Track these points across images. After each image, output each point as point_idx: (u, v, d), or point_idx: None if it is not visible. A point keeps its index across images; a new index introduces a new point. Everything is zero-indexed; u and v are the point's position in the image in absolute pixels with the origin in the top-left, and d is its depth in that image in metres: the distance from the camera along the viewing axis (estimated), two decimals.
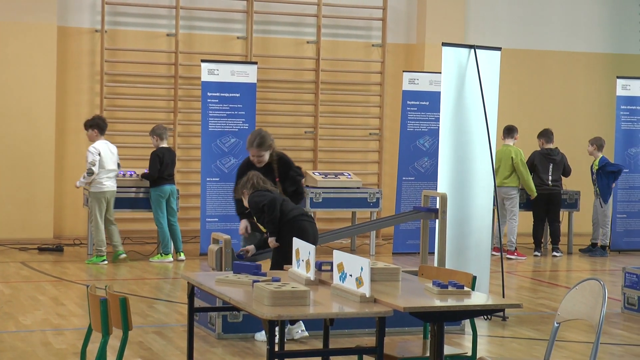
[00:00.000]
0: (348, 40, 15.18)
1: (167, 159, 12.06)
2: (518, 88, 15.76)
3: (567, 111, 16.19)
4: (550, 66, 16.19)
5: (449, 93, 9.09)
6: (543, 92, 16.15)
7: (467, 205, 9.08)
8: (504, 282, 9.34)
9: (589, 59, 16.34)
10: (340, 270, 5.17)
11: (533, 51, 16.07)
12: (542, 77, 16.15)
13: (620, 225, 14.30)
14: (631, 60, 16.10)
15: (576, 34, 16.30)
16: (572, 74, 16.30)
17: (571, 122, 15.90)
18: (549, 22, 16.16)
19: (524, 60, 15.88)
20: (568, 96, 16.29)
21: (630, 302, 9.62)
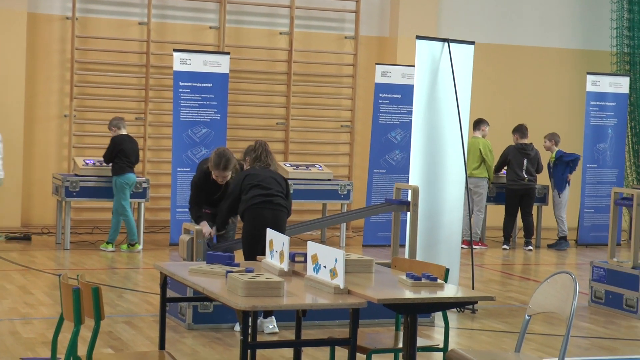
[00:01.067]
0: (321, 32, 15.17)
1: (126, 145, 11.93)
2: (490, 82, 15.83)
3: (539, 106, 16.27)
4: (523, 61, 16.27)
5: (422, 86, 9.11)
6: (515, 87, 16.22)
7: (439, 198, 9.12)
8: (474, 275, 9.40)
9: (561, 55, 16.44)
10: (315, 261, 5.18)
11: (506, 46, 16.14)
12: (515, 72, 16.23)
13: (588, 220, 14.41)
14: (601, 57, 16.21)
15: (548, 29, 16.38)
16: (544, 70, 16.38)
17: (542, 117, 15.99)
18: (521, 18, 16.23)
19: (496, 55, 15.95)
20: (540, 91, 16.38)
21: (597, 296, 9.70)
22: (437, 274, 5.51)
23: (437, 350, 5.78)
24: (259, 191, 7.85)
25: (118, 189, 11.94)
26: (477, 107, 14.50)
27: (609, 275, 9.59)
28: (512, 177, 13.67)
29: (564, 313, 5.22)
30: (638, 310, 9.20)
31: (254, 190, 7.86)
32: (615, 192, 9.85)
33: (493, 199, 14.04)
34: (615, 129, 14.53)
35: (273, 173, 8.06)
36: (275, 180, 8.00)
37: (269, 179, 7.95)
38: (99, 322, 4.65)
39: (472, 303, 8.44)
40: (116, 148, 11.87)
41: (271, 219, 7.70)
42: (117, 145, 11.88)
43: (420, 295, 5.02)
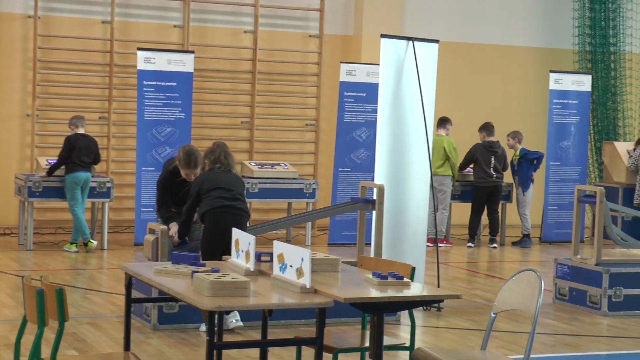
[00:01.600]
0: (285, 30, 15.14)
1: (80, 144, 11.85)
2: (455, 81, 15.89)
3: (503, 104, 16.36)
4: (487, 60, 16.34)
5: (386, 85, 9.12)
6: (479, 85, 16.30)
7: (404, 197, 9.13)
8: (439, 273, 9.43)
9: (524, 53, 16.53)
10: (281, 261, 5.16)
11: (470, 44, 16.21)
12: (479, 70, 16.30)
13: (551, 217, 14.51)
14: (564, 55, 16.32)
15: (512, 28, 16.47)
16: (508, 68, 16.47)
17: (506, 115, 16.06)
18: (485, 16, 16.30)
19: (461, 53, 16.01)
20: (503, 89, 16.46)
21: (562, 293, 9.77)
22: (404, 272, 5.51)
23: (403, 348, 5.79)
24: (221, 193, 7.78)
25: (67, 187, 11.84)
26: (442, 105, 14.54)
27: (572, 272, 9.65)
28: (481, 175, 13.72)
29: (529, 310, 5.25)
30: (602, 306, 9.27)
31: (215, 192, 7.79)
32: (579, 189, 9.91)
33: (458, 196, 14.10)
34: (578, 126, 14.64)
35: (233, 176, 7.99)
36: (236, 183, 7.95)
37: (231, 183, 7.89)
38: (63, 324, 4.60)
39: (438, 301, 8.46)
40: (69, 147, 11.79)
41: (233, 223, 7.58)
42: (70, 144, 11.80)
43: (386, 294, 5.02)
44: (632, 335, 8.48)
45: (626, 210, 12.13)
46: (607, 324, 8.93)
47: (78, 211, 11.86)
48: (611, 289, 9.27)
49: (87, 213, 12.42)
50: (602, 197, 9.49)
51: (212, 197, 7.76)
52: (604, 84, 16.18)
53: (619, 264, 9.60)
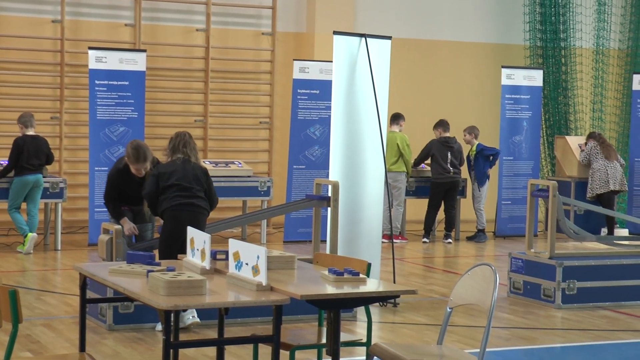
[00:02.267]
0: (238, 28, 15.09)
1: (28, 147, 11.74)
2: (408, 77, 15.94)
3: (456, 100, 16.44)
4: (440, 56, 16.42)
5: (340, 82, 9.13)
6: (432, 81, 16.37)
7: (358, 193, 9.15)
8: (395, 268, 9.46)
9: (476, 49, 16.63)
10: (236, 259, 5.15)
11: (422, 40, 16.27)
12: (432, 66, 16.37)
13: (505, 212, 14.62)
14: (516, 51, 16.44)
15: (464, 24, 16.56)
16: (461, 64, 16.56)
17: (459, 111, 16.15)
18: (437, 12, 16.37)
19: (414, 49, 16.06)
20: (456, 85, 16.55)
21: (516, 287, 9.84)
22: (359, 268, 5.52)
23: (360, 344, 5.80)
24: (177, 192, 7.72)
25: (12, 189, 11.75)
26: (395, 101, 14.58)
27: (526, 266, 9.73)
28: (438, 171, 13.78)
29: (484, 305, 5.28)
30: (555, 299, 9.35)
31: (172, 189, 7.72)
32: (532, 183, 10.00)
33: (412, 192, 14.16)
34: (530, 121, 14.77)
35: (193, 167, 7.84)
36: (195, 176, 7.83)
37: (189, 176, 7.79)
38: (16, 326, 4.55)
39: (394, 297, 8.47)
40: (17, 151, 11.68)
41: (191, 221, 7.50)
42: (18, 148, 11.70)
43: (342, 291, 5.03)
44: (586, 328, 8.57)
45: (578, 204, 12.26)
46: (561, 317, 9.02)
47: (14, 212, 11.76)
48: (565, 282, 9.36)
49: (40, 214, 12.30)
50: (554, 191, 9.58)
51: (170, 194, 7.70)
52: (555, 79, 16.33)
53: (572, 257, 9.70)
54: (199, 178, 7.85)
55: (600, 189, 14.10)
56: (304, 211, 12.65)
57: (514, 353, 7.75)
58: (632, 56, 16.80)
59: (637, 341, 8.22)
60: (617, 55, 16.94)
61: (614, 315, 9.14)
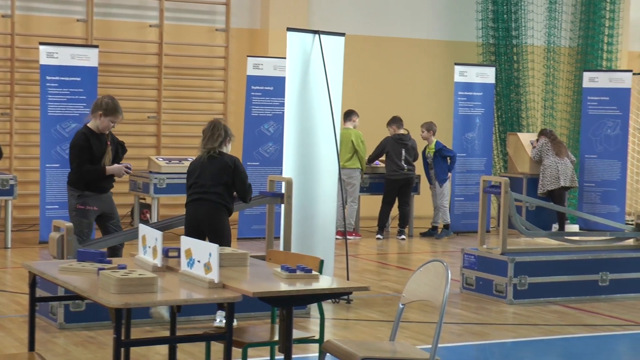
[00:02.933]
0: (191, 24, 15.02)
1: None
2: (362, 74, 15.98)
3: (409, 97, 16.50)
4: (393, 53, 16.47)
5: (293, 78, 9.12)
6: (386, 78, 16.41)
7: (312, 190, 9.15)
8: (348, 265, 9.48)
9: (429, 46, 16.71)
10: (188, 256, 5.12)
11: (376, 37, 16.31)
12: (386, 63, 16.42)
13: (458, 208, 14.71)
14: (468, 48, 16.55)
15: (417, 21, 16.62)
16: (414, 61, 16.62)
17: (413, 108, 16.21)
18: (390, 9, 16.42)
19: (367, 46, 16.10)
20: (410, 82, 16.61)
21: (469, 282, 9.91)
22: (312, 265, 5.52)
23: (313, 341, 5.80)
24: (193, 189, 7.92)
25: None
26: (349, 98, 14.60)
27: (479, 262, 9.80)
28: (393, 168, 13.83)
29: (436, 301, 5.31)
30: (507, 295, 9.43)
31: (191, 188, 7.95)
32: (484, 180, 10.07)
33: (366, 189, 14.19)
34: (483, 118, 14.87)
35: (213, 164, 7.86)
36: (213, 173, 7.84)
37: (206, 174, 7.84)
38: None
39: (347, 294, 8.51)
40: None
41: (201, 215, 7.86)
42: None
43: (295, 288, 5.02)
44: (537, 323, 8.65)
45: (530, 200, 12.37)
46: (513, 312, 9.09)
47: None
48: (516, 278, 9.44)
49: None
50: (506, 187, 9.65)
51: (189, 192, 7.98)
52: (508, 76, 16.46)
53: (523, 253, 9.80)
54: (217, 174, 7.86)
55: (550, 185, 14.24)
56: (258, 208, 12.60)
57: (466, 348, 7.80)
58: (583, 54, 16.98)
59: (587, 335, 8.31)
60: (567, 53, 17.11)
61: (564, 310, 9.24)
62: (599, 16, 16.81)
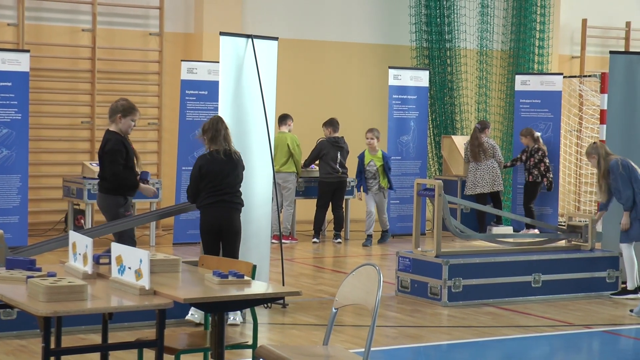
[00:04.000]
0: (125, 28, 14.90)
1: None
2: (296, 77, 15.98)
3: (344, 100, 16.55)
4: (327, 56, 16.50)
5: (227, 83, 9.08)
6: (321, 82, 16.44)
7: (247, 194, 9.08)
8: (283, 269, 9.47)
9: (364, 50, 16.77)
10: (119, 262, 5.08)
11: (310, 41, 16.33)
12: (320, 67, 16.44)
13: (394, 211, 14.78)
14: (402, 51, 16.65)
15: (351, 25, 16.68)
16: (348, 64, 16.68)
17: (348, 111, 16.26)
18: (324, 13, 16.46)
19: (301, 50, 16.11)
20: (345, 86, 16.66)
21: (404, 285, 9.96)
22: (245, 270, 5.51)
23: (246, 347, 5.78)
24: (209, 190, 8.03)
25: None
26: (284, 102, 14.61)
27: (414, 265, 9.86)
28: (327, 171, 13.82)
29: (369, 304, 5.32)
30: (442, 297, 9.50)
31: (207, 187, 8.01)
32: (418, 183, 10.14)
33: (302, 193, 14.19)
34: (417, 121, 14.96)
35: (227, 161, 8.01)
36: (230, 170, 8.03)
37: (221, 175, 7.99)
38: None
39: (278, 299, 8.50)
40: None
41: (223, 217, 8.06)
42: None
43: (226, 293, 5.01)
44: (471, 325, 8.73)
45: (464, 203, 12.48)
46: (447, 314, 9.16)
47: None
48: (451, 280, 9.51)
49: None
50: (440, 190, 9.73)
51: (205, 193, 8.04)
52: (441, 80, 16.60)
53: (457, 255, 9.88)
54: (232, 173, 8.20)
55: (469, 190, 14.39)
56: (193, 213, 12.51)
57: (402, 351, 7.85)
58: (514, 57, 17.19)
59: (520, 336, 8.41)
60: (500, 56, 17.31)
61: (498, 311, 9.33)
62: (530, 20, 17.05)
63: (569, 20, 18.15)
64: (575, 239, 10.57)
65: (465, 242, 13.40)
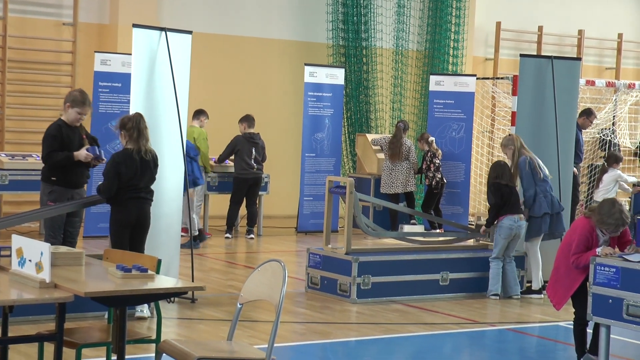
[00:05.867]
0: (37, 17, 14.64)
1: None
2: (213, 73, 15.90)
3: (261, 96, 16.51)
4: (244, 52, 16.44)
5: (139, 75, 9.00)
6: (238, 77, 16.37)
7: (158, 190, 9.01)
8: (193, 264, 9.43)
9: (281, 46, 16.76)
10: (19, 255, 5.00)
11: (227, 36, 16.26)
12: (237, 62, 16.37)
13: (307, 208, 14.82)
14: (319, 49, 16.68)
15: (268, 21, 16.65)
16: (265, 60, 16.64)
17: (264, 107, 16.24)
18: (243, 9, 16.39)
19: (218, 45, 16.03)
20: (261, 82, 16.62)
21: (314, 282, 10.00)
22: (149, 265, 5.46)
23: (150, 341, 5.74)
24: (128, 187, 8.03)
25: None
26: (200, 97, 14.56)
27: (324, 262, 9.90)
28: (242, 167, 13.78)
29: (274, 300, 5.33)
30: (351, 294, 9.55)
31: (124, 185, 7.99)
32: (330, 180, 10.18)
33: (215, 188, 14.13)
34: (332, 119, 15.02)
35: (145, 161, 8.02)
36: (145, 170, 8.05)
37: (138, 174, 8.00)
38: None
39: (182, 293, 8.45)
40: None
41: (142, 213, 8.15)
42: None
43: (128, 287, 4.96)
44: (379, 321, 8.80)
45: (375, 201, 12.57)
46: (356, 311, 9.22)
47: None
48: (360, 277, 9.57)
49: None
50: (351, 188, 9.78)
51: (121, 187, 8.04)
52: (357, 78, 16.69)
53: (367, 253, 9.95)
54: (149, 169, 8.22)
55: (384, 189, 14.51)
56: (103, 206, 12.37)
57: (309, 347, 7.87)
58: (430, 57, 17.37)
59: (427, 334, 8.51)
60: (415, 56, 17.47)
61: (406, 309, 9.43)
62: (445, 21, 17.24)
63: (484, 22, 18.41)
64: (482, 238, 10.72)
65: (377, 240, 13.50)
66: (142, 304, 8.05)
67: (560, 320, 9.11)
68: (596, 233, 6.99)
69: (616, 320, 6.59)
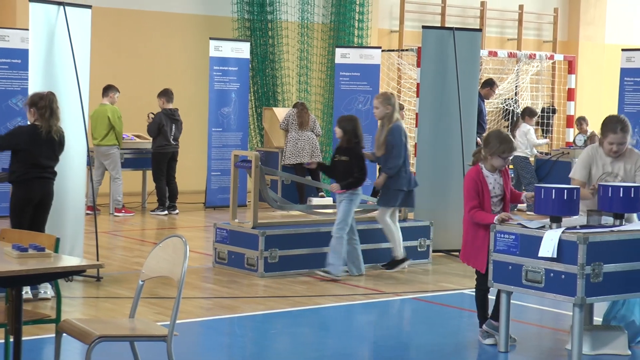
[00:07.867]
0: None
1: None
2: (117, 47, 15.67)
3: (166, 71, 16.35)
4: (148, 26, 16.25)
5: (38, 51, 8.84)
6: (143, 52, 16.18)
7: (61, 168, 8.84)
8: (97, 242, 9.33)
9: (185, 20, 16.60)
10: None
11: (130, 10, 16.03)
12: (141, 37, 16.17)
13: (215, 183, 14.76)
14: (224, 23, 16.57)
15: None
16: (169, 35, 16.47)
17: (170, 82, 16.02)
18: None
19: (122, 19, 15.79)
20: (166, 56, 16.46)
21: (221, 257, 9.98)
22: (47, 244, 5.38)
23: (50, 322, 5.66)
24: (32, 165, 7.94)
25: None
26: (105, 73, 14.36)
27: (231, 236, 9.88)
28: (163, 142, 13.74)
29: (175, 276, 5.30)
30: (258, 268, 9.56)
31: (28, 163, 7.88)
32: (235, 154, 10.15)
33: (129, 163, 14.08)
34: (238, 93, 14.95)
35: (52, 140, 7.92)
36: (50, 149, 7.96)
37: (45, 153, 7.91)
38: None
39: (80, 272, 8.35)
40: None
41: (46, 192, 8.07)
42: None
43: (24, 267, 4.88)
44: (285, 295, 8.83)
45: (282, 175, 12.58)
46: (264, 285, 9.23)
47: None
48: (267, 251, 9.58)
49: None
50: (257, 161, 9.76)
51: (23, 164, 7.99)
52: (263, 52, 16.63)
53: (274, 227, 9.95)
54: (53, 151, 8.13)
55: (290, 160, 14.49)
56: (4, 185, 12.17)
57: (216, 322, 7.85)
58: (335, 30, 17.39)
59: (333, 305, 8.56)
60: (321, 29, 17.48)
61: (313, 281, 9.47)
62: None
63: None
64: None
65: (285, 214, 13.51)
66: (38, 283, 7.93)
67: (465, 288, 9.26)
68: (482, 175, 7.03)
69: (516, 286, 6.72)
